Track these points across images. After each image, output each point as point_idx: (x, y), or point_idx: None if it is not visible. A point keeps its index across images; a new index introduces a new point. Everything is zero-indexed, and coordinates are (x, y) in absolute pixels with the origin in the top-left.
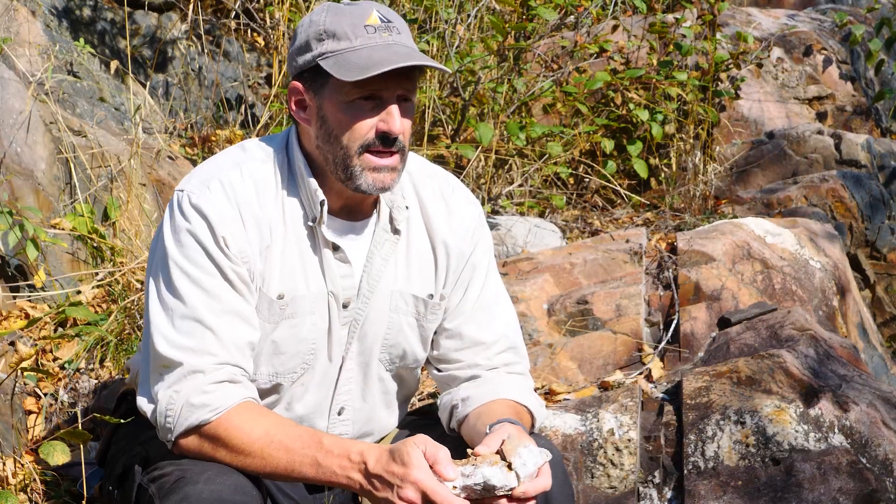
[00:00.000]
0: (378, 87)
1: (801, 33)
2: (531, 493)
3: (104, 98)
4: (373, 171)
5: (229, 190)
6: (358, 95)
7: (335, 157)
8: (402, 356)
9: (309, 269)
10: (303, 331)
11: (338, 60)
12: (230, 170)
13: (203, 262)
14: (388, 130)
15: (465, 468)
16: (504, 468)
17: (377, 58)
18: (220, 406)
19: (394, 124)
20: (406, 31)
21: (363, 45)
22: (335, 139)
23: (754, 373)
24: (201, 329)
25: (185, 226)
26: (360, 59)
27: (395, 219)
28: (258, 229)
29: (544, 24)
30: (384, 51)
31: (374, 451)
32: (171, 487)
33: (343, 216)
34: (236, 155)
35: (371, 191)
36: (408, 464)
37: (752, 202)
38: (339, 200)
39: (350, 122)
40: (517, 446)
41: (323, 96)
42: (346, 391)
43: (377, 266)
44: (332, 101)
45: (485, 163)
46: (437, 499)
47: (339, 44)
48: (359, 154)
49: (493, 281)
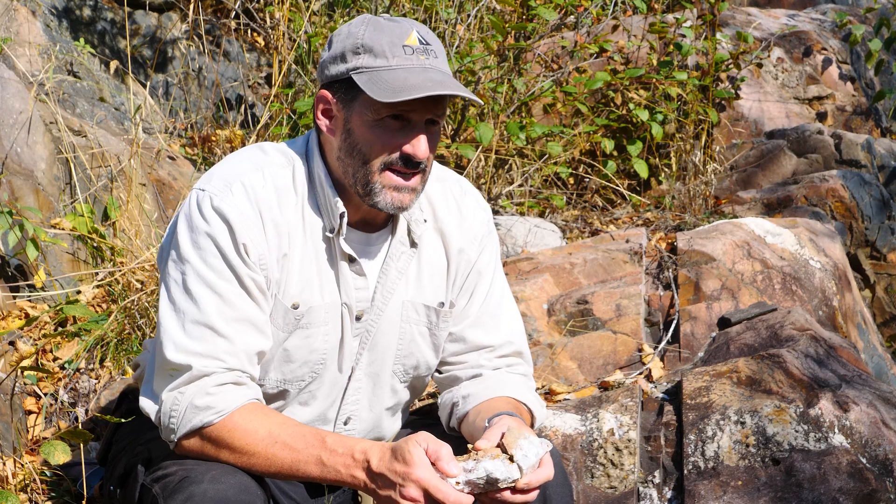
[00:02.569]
0: (408, 109)
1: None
2: (534, 483)
3: (104, 98)
4: (393, 190)
5: (251, 193)
6: (387, 114)
7: (356, 171)
8: (415, 366)
9: (325, 280)
10: (315, 341)
11: (372, 78)
12: (252, 173)
13: (220, 267)
14: (413, 154)
15: (466, 463)
16: (506, 461)
17: (413, 82)
18: (224, 409)
19: (419, 148)
20: (442, 55)
21: (399, 65)
22: (359, 154)
23: (754, 373)
24: (212, 335)
25: (204, 228)
26: (396, 80)
27: (414, 232)
28: (278, 236)
29: (544, 24)
30: (420, 75)
31: (376, 449)
32: (176, 487)
33: (360, 228)
34: (257, 157)
35: (389, 209)
36: (409, 462)
37: (752, 202)
38: (357, 213)
39: (376, 140)
40: (517, 438)
41: (352, 110)
42: (354, 401)
43: (392, 279)
44: (361, 116)
45: (485, 163)
46: (439, 496)
47: (375, 60)
48: (380, 171)
49: (498, 286)
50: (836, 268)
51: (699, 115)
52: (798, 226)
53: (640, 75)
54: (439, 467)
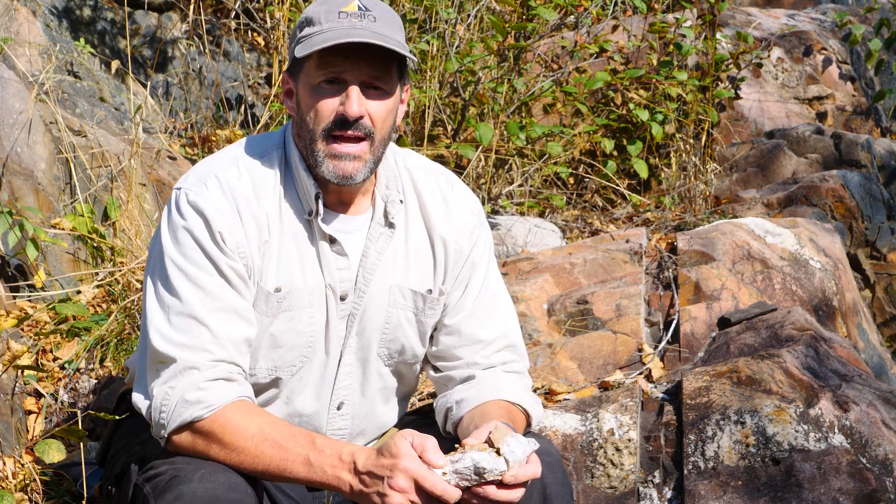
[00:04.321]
0: (339, 70)
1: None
2: (521, 477)
3: (104, 98)
4: (333, 158)
5: (226, 187)
6: (322, 79)
7: (305, 143)
8: (400, 351)
9: (306, 262)
10: (300, 324)
11: (304, 44)
12: (227, 167)
13: (199, 259)
14: (344, 112)
15: (453, 456)
16: (493, 453)
17: (331, 37)
18: (215, 403)
19: (350, 106)
20: (386, 21)
21: (330, 28)
22: (304, 124)
23: (754, 373)
24: (197, 326)
25: (181, 223)
26: (318, 40)
27: (390, 213)
28: (256, 225)
29: (544, 24)
30: (342, 32)
31: (363, 451)
32: (166, 486)
33: (340, 210)
34: (234, 151)
35: (333, 179)
36: (396, 454)
37: (752, 202)
38: (333, 194)
39: (313, 105)
40: (504, 435)
41: (299, 82)
42: (346, 385)
43: (372, 259)
44: (304, 85)
45: (485, 163)
46: (426, 485)
47: (311, 29)
48: (324, 139)
49: (493, 279)
50: (836, 268)
51: (699, 115)
52: (798, 226)
53: (640, 75)
54: (425, 458)
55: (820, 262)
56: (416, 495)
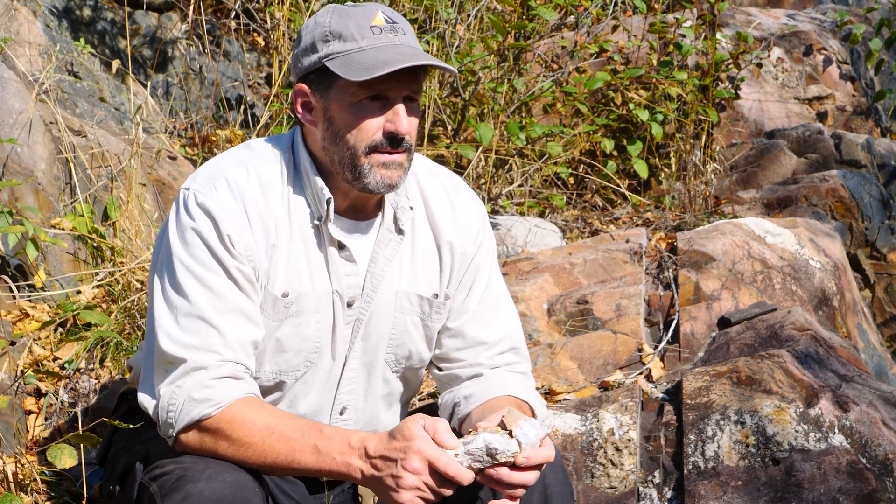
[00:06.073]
0: (384, 88)
1: (801, 33)
2: (534, 459)
3: (104, 98)
4: (382, 167)
5: (235, 188)
6: (364, 96)
7: (342, 157)
8: (408, 357)
9: (314, 267)
10: (307, 329)
11: (344, 61)
12: (236, 168)
13: (208, 260)
14: (395, 130)
15: (466, 438)
16: (505, 435)
17: (384, 58)
18: (222, 400)
19: (401, 124)
20: (411, 32)
21: (369, 45)
22: (342, 140)
23: (754, 373)
24: (205, 327)
25: (190, 224)
26: (367, 59)
27: (400, 219)
28: (264, 228)
29: (544, 24)
30: (390, 51)
31: (373, 436)
32: (173, 486)
33: (349, 216)
34: (242, 154)
35: (379, 188)
36: (409, 437)
37: (752, 202)
38: (345, 200)
39: (356, 123)
40: (517, 418)
41: (329, 97)
42: (349, 391)
43: (380, 265)
44: (339, 102)
45: (485, 163)
46: (440, 466)
47: (345, 45)
48: (366, 154)
49: (496, 282)
50: (835, 268)
51: (699, 115)
52: (798, 226)
53: (640, 75)
54: (438, 440)
55: (820, 262)
56: (430, 477)
